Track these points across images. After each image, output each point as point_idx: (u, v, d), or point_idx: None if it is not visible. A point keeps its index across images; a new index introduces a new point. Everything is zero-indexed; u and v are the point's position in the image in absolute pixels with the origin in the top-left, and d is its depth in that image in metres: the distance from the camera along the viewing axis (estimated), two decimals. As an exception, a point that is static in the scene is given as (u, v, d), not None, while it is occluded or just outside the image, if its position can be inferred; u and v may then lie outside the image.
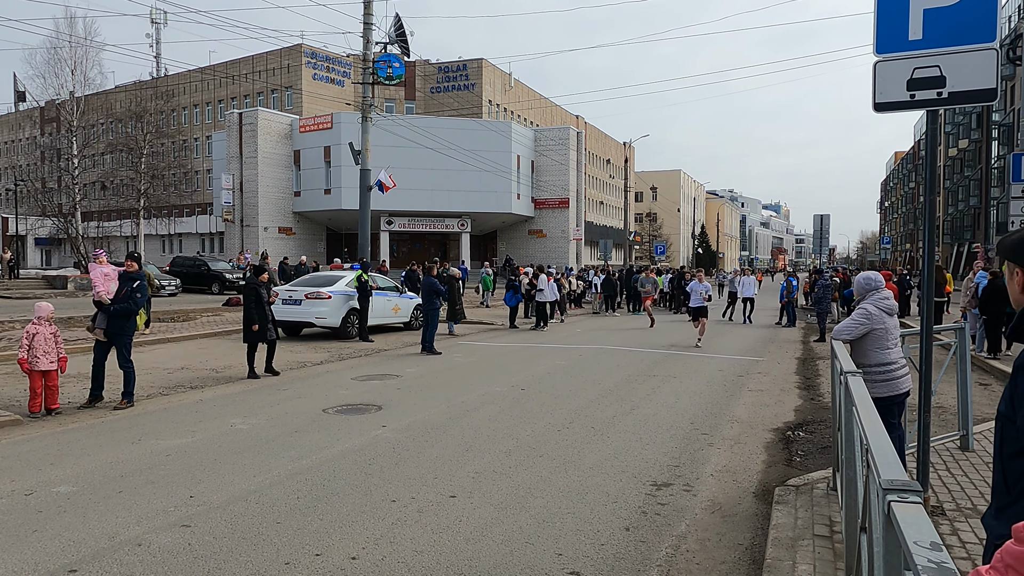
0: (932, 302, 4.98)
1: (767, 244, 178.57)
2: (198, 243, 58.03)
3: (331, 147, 46.79)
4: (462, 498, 5.59)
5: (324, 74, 59.41)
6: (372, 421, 8.26)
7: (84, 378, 9.90)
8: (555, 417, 8.56)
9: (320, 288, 16.58)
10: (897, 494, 1.87)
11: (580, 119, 72.74)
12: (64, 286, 32.35)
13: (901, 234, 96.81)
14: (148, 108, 46.02)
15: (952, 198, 62.35)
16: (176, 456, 6.72)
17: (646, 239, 79.49)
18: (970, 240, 52.85)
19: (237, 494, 5.62)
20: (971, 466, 6.20)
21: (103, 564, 4.33)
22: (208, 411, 8.81)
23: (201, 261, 35.98)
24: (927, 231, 4.93)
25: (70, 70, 38.58)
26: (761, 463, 6.82)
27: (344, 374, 11.82)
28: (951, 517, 4.94)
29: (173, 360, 13.08)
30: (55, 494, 5.61)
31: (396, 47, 24.42)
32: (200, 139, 64.10)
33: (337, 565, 4.35)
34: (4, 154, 78.91)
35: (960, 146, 58.01)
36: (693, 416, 8.77)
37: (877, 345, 5.30)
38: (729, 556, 4.62)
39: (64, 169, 41.39)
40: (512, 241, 55.50)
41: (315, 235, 52.28)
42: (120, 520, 5.05)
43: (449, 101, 59.30)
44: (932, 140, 4.88)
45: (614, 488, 5.89)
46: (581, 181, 57.94)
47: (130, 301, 9.05)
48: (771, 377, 12.09)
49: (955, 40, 4.59)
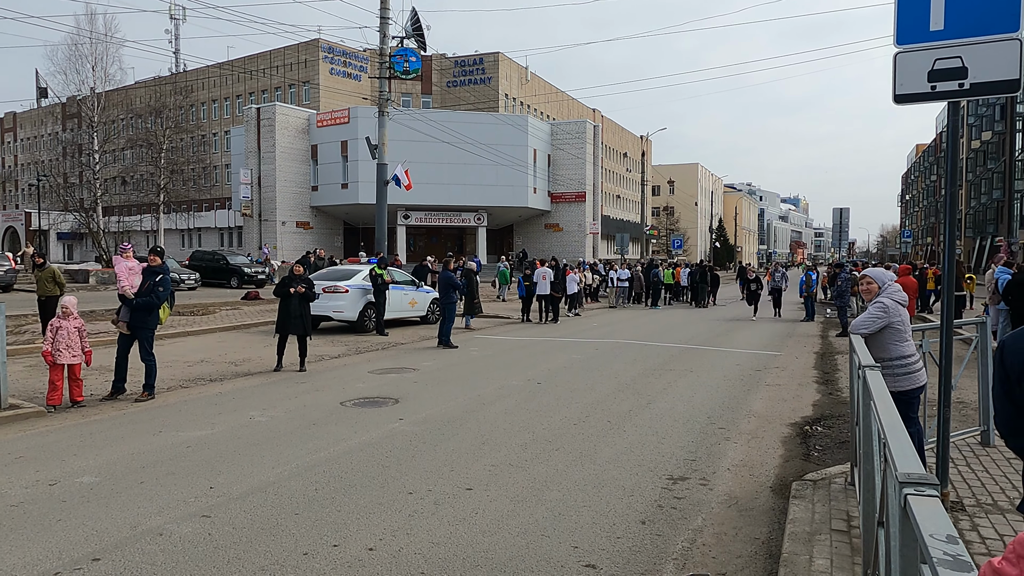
0: (953, 296, 4.93)
1: (786, 238, 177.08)
2: (217, 237, 58.46)
3: (348, 142, 46.95)
4: (478, 490, 5.62)
5: (341, 69, 59.56)
6: (389, 414, 8.31)
7: (106, 371, 10.05)
8: (571, 411, 8.57)
9: (338, 282, 16.68)
10: (914, 487, 1.86)
11: (597, 113, 72.46)
12: (86, 280, 32.75)
13: (922, 228, 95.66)
14: (167, 104, 46.37)
15: (975, 191, 61.52)
16: (196, 448, 6.81)
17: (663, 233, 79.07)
18: (993, 233, 52.10)
19: (256, 485, 5.68)
20: (992, 462, 6.13)
21: (126, 553, 4.41)
22: (227, 404, 8.90)
23: (220, 255, 36.30)
24: (948, 225, 4.88)
25: (91, 66, 39.03)
26: (778, 457, 6.79)
27: (361, 367, 11.89)
28: (971, 513, 4.89)
29: (193, 353, 13.22)
30: (78, 484, 5.70)
31: (413, 41, 24.42)
32: (219, 134, 64.57)
33: (355, 556, 4.39)
34: (27, 150, 79.99)
35: (983, 138, 57.14)
36: (710, 410, 8.74)
37: (896, 338, 5.25)
38: (745, 550, 4.61)
39: (85, 164, 41.86)
40: (528, 235, 55.44)
41: (332, 229, 52.53)
42: (142, 510, 5.13)
43: (465, 95, 59.27)
44: (953, 132, 4.83)
45: (630, 482, 5.89)
46: (598, 175, 57.72)
47: (152, 295, 9.15)
48: (789, 371, 12.02)
49: (977, 30, 4.52)
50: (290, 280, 11.62)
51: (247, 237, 50.73)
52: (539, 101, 65.40)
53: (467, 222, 50.40)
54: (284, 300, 11.53)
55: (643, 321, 21.74)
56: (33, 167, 70.16)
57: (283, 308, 11.55)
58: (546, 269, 20.79)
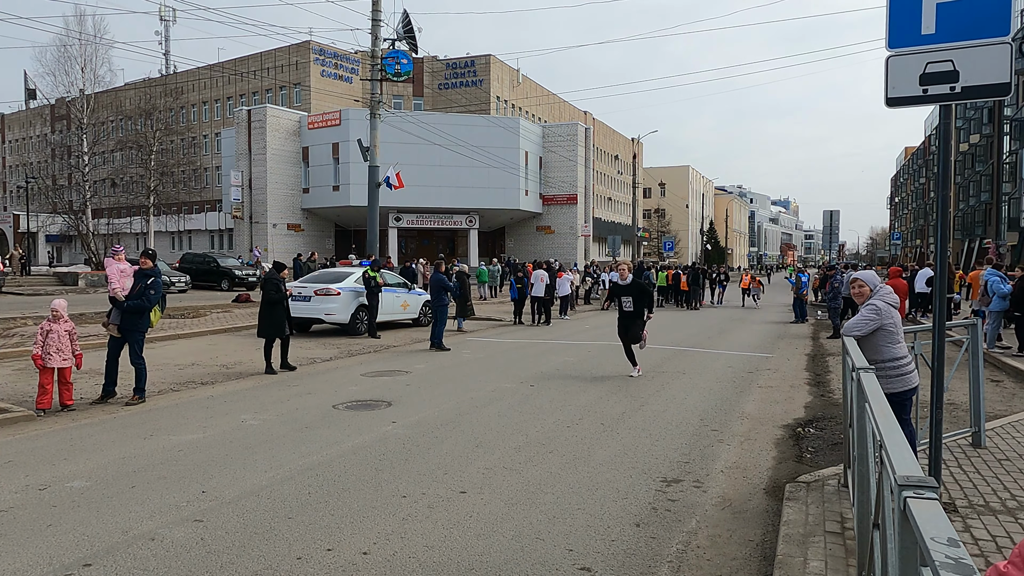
0: (944, 298, 4.95)
1: (776, 240, 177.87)
2: (207, 240, 58.18)
3: (339, 144, 46.82)
4: (472, 494, 5.60)
5: (332, 71, 59.43)
6: (382, 417, 8.29)
7: (96, 374, 9.97)
8: (564, 413, 8.56)
9: (329, 284, 16.63)
10: (913, 490, 1.86)
11: (588, 115, 72.54)
12: (75, 283, 32.54)
13: (911, 230, 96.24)
14: (157, 105, 46.22)
15: (963, 194, 61.92)
16: (188, 452, 6.76)
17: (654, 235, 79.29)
18: (981, 236, 52.47)
19: (249, 489, 5.65)
20: (983, 463, 6.17)
21: (117, 558, 4.37)
22: (219, 407, 8.85)
23: (211, 258, 36.15)
24: (939, 227, 4.90)
25: (80, 68, 38.79)
26: (771, 459, 6.80)
27: (354, 370, 11.85)
28: (963, 515, 4.91)
29: (184, 356, 13.15)
30: (69, 489, 5.65)
31: (404, 44, 24.41)
32: (209, 136, 64.27)
33: (348, 560, 4.37)
34: (15, 151, 79.39)
35: (971, 141, 57.56)
36: (703, 412, 8.75)
37: (889, 340, 5.27)
38: (740, 552, 4.62)
39: (74, 166, 41.67)
40: (520, 237, 55.44)
41: (324, 232, 52.34)
42: (133, 515, 5.09)
43: (457, 97, 59.23)
44: (945, 135, 4.85)
45: (624, 484, 5.89)
46: (589, 177, 57.79)
47: (143, 298, 9.09)
48: (781, 373, 12.06)
49: (968, 34, 4.55)
50: (276, 280, 11.68)
51: (238, 239, 50.49)
52: (531, 103, 65.44)
53: (459, 224, 50.33)
54: (268, 305, 11.51)
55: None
56: (21, 169, 69.61)
57: (266, 312, 11.54)
58: (542, 271, 20.85)
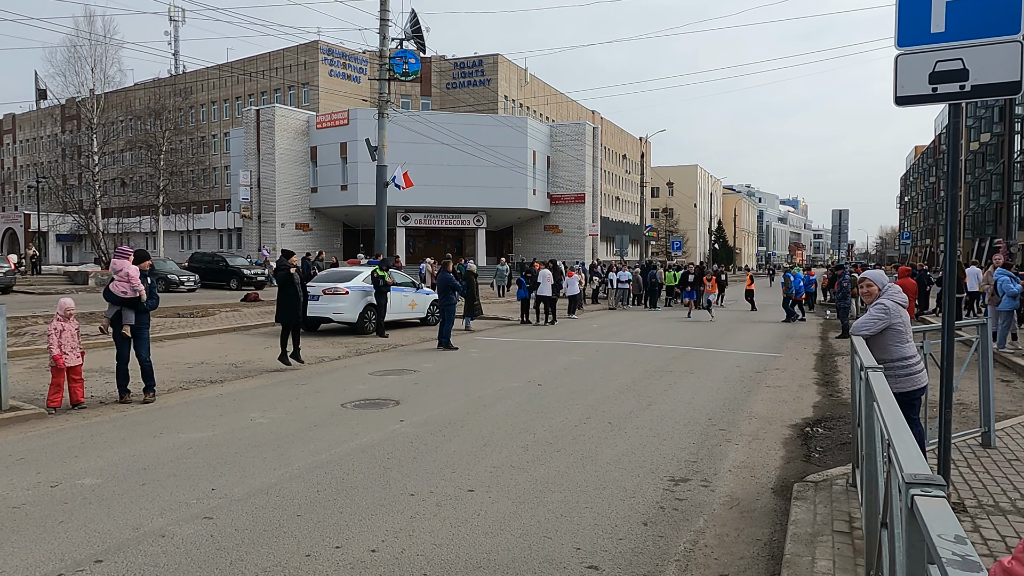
0: (954, 297, 4.94)
1: (784, 239, 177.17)
2: (216, 239, 58.43)
3: (347, 143, 46.97)
4: (480, 492, 5.62)
5: (341, 71, 59.59)
6: (390, 416, 8.31)
7: (105, 372, 10.04)
8: (572, 412, 8.57)
9: (338, 284, 16.68)
10: (920, 488, 1.86)
11: (596, 114, 72.50)
12: (85, 282, 32.77)
13: (921, 229, 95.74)
14: (167, 105, 46.39)
15: (973, 192, 61.57)
16: (197, 450, 6.81)
17: (662, 234, 79.11)
18: (992, 235, 52.14)
19: (258, 487, 5.68)
20: (993, 463, 6.14)
21: (128, 555, 4.40)
22: (228, 405, 8.90)
23: (219, 257, 36.31)
24: (949, 226, 4.88)
25: (90, 68, 39.03)
26: (779, 459, 6.79)
27: (362, 369, 11.89)
28: (972, 514, 4.90)
29: (193, 355, 13.21)
30: (80, 486, 5.70)
31: (412, 43, 24.42)
32: (218, 136, 64.57)
33: (357, 557, 4.39)
34: (26, 151, 79.98)
35: (982, 140, 57.20)
36: (711, 412, 8.74)
37: (897, 339, 5.26)
38: (748, 551, 4.61)
39: (85, 166, 41.88)
40: (528, 237, 55.46)
41: (332, 231, 52.53)
42: (144, 512, 5.13)
43: (465, 97, 59.29)
44: (954, 134, 4.84)
45: (631, 483, 5.89)
46: (597, 177, 57.77)
47: (154, 297, 9.24)
48: (789, 373, 12.02)
49: (978, 32, 4.53)
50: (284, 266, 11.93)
51: (246, 239, 50.72)
52: (538, 103, 65.44)
53: (466, 224, 50.41)
54: (281, 289, 11.68)
55: (643, 323, 21.75)
56: (32, 169, 70.11)
57: (280, 298, 11.79)
58: (548, 271, 20.88)
